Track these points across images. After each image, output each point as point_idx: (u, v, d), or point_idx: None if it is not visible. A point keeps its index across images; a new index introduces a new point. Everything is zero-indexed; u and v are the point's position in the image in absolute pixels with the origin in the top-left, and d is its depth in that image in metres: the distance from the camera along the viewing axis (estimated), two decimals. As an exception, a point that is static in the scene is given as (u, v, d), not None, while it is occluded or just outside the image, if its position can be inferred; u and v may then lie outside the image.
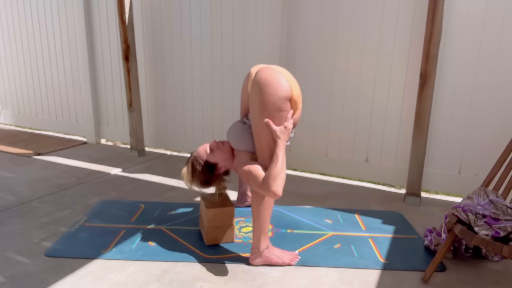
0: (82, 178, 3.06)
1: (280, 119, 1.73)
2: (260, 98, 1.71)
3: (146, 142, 3.91)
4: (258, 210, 1.79)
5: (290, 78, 1.78)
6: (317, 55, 3.01)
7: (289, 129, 1.75)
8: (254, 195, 1.80)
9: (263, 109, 1.71)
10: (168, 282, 1.72)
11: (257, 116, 1.73)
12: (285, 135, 1.74)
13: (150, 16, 3.62)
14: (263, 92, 1.70)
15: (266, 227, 1.83)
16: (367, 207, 2.58)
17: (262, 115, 1.72)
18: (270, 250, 1.86)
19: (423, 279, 1.75)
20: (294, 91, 1.76)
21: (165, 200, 2.65)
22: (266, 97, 1.70)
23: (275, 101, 1.70)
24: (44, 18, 4.21)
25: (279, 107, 1.71)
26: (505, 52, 2.45)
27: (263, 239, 1.84)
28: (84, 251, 1.95)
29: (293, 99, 1.76)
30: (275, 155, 1.72)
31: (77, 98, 4.24)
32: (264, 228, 1.83)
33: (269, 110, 1.71)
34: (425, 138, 2.58)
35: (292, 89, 1.74)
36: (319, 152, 3.17)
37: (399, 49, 2.74)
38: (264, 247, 1.85)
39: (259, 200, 1.78)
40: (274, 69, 1.77)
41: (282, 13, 3.06)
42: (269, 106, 1.71)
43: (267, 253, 1.85)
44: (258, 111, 1.73)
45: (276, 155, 1.71)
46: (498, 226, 1.62)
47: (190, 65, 3.55)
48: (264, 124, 1.72)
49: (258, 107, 1.73)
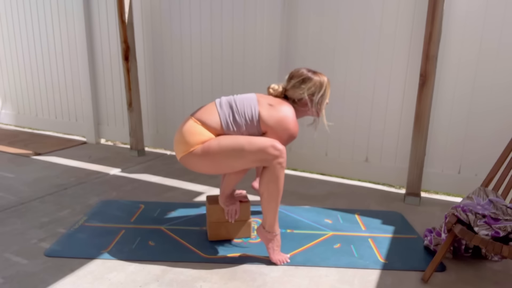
0: (82, 178, 3.05)
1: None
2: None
3: (146, 142, 3.91)
4: (277, 187, 1.77)
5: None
6: (317, 54, 3.01)
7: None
8: (267, 171, 1.76)
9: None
10: (168, 282, 1.72)
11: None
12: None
13: (150, 16, 3.62)
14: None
15: (278, 208, 1.84)
16: (367, 207, 2.58)
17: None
18: (278, 238, 1.88)
19: (423, 279, 1.75)
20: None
21: (165, 200, 2.65)
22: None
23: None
24: (44, 18, 4.21)
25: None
26: (505, 52, 2.45)
27: (277, 222, 1.86)
28: (84, 251, 1.95)
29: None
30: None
31: (77, 98, 4.24)
32: (278, 208, 1.83)
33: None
34: (425, 138, 2.58)
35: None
36: (319, 152, 3.17)
37: (399, 49, 2.74)
38: (278, 232, 1.87)
39: (277, 174, 1.76)
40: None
41: (282, 13, 3.06)
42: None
43: (278, 239, 1.87)
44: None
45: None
46: (498, 226, 1.62)
47: (190, 65, 3.55)
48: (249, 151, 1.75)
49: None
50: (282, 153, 1.73)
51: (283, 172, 1.77)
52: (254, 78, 3.28)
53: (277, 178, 1.75)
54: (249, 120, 1.81)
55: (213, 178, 3.09)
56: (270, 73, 3.18)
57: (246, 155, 1.73)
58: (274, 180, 1.75)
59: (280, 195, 1.80)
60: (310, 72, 1.92)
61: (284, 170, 1.77)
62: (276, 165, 1.73)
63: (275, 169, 1.74)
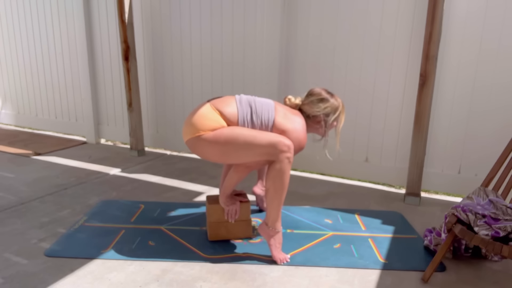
0: (82, 178, 3.05)
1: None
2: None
3: (146, 142, 3.91)
4: (282, 182, 1.79)
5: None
6: (317, 56, 3.01)
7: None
8: (275, 166, 1.79)
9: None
10: (168, 282, 1.72)
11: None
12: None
13: (150, 16, 3.62)
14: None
15: (282, 205, 1.86)
16: (367, 207, 2.58)
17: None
18: (280, 236, 1.89)
19: (422, 279, 1.75)
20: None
21: (165, 200, 2.65)
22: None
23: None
24: (44, 18, 4.21)
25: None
26: (505, 52, 2.45)
27: (280, 219, 1.88)
28: (84, 251, 1.95)
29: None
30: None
31: (77, 98, 4.24)
32: (281, 205, 1.85)
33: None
34: (425, 138, 2.58)
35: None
36: (319, 152, 3.17)
37: (399, 49, 2.74)
38: (280, 229, 1.88)
39: (284, 168, 1.78)
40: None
41: (282, 14, 3.05)
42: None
43: (279, 236, 1.88)
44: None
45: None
46: (497, 226, 1.62)
47: (190, 65, 3.55)
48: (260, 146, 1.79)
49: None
50: (290, 149, 1.78)
51: (289, 168, 1.80)
52: (254, 78, 3.27)
53: (283, 173, 1.78)
54: (264, 123, 1.88)
55: (213, 178, 3.09)
56: (270, 74, 3.18)
57: (255, 147, 1.77)
58: (280, 175, 1.78)
59: (284, 192, 1.82)
60: (329, 94, 2.05)
61: (290, 166, 1.80)
62: (284, 159, 1.76)
63: (283, 164, 1.77)
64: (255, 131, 1.83)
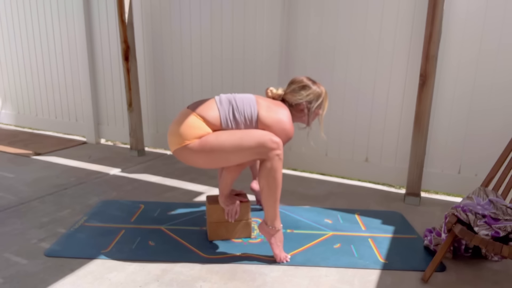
0: (82, 178, 3.05)
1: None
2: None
3: (146, 142, 3.91)
4: (275, 180, 1.79)
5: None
6: (316, 54, 3.01)
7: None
8: (266, 164, 1.78)
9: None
10: (168, 282, 1.72)
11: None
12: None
13: (150, 16, 3.62)
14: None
15: (278, 202, 1.86)
16: (367, 207, 2.58)
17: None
18: (281, 234, 1.89)
19: (422, 279, 1.75)
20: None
21: (165, 200, 2.65)
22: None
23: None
24: (44, 18, 4.21)
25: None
26: (505, 52, 2.45)
27: (279, 217, 1.88)
28: (84, 251, 1.95)
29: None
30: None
31: (77, 98, 4.24)
32: (278, 202, 1.85)
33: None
34: (425, 138, 2.58)
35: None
36: (319, 152, 3.17)
37: (399, 49, 2.74)
38: (280, 227, 1.88)
39: (276, 166, 1.78)
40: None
41: (282, 12, 3.06)
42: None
43: (280, 234, 1.88)
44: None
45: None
46: (497, 226, 1.62)
47: (190, 65, 3.55)
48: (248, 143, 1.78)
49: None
50: (279, 145, 1.77)
51: (281, 164, 1.79)
52: (254, 77, 3.28)
53: (275, 170, 1.78)
54: (248, 119, 1.85)
55: (213, 178, 3.09)
56: (270, 72, 3.18)
57: (244, 149, 1.77)
58: (272, 173, 1.78)
59: (279, 189, 1.82)
60: (310, 81, 2.03)
61: (282, 162, 1.80)
62: (274, 157, 1.76)
63: (273, 161, 1.76)
64: (240, 132, 1.81)
